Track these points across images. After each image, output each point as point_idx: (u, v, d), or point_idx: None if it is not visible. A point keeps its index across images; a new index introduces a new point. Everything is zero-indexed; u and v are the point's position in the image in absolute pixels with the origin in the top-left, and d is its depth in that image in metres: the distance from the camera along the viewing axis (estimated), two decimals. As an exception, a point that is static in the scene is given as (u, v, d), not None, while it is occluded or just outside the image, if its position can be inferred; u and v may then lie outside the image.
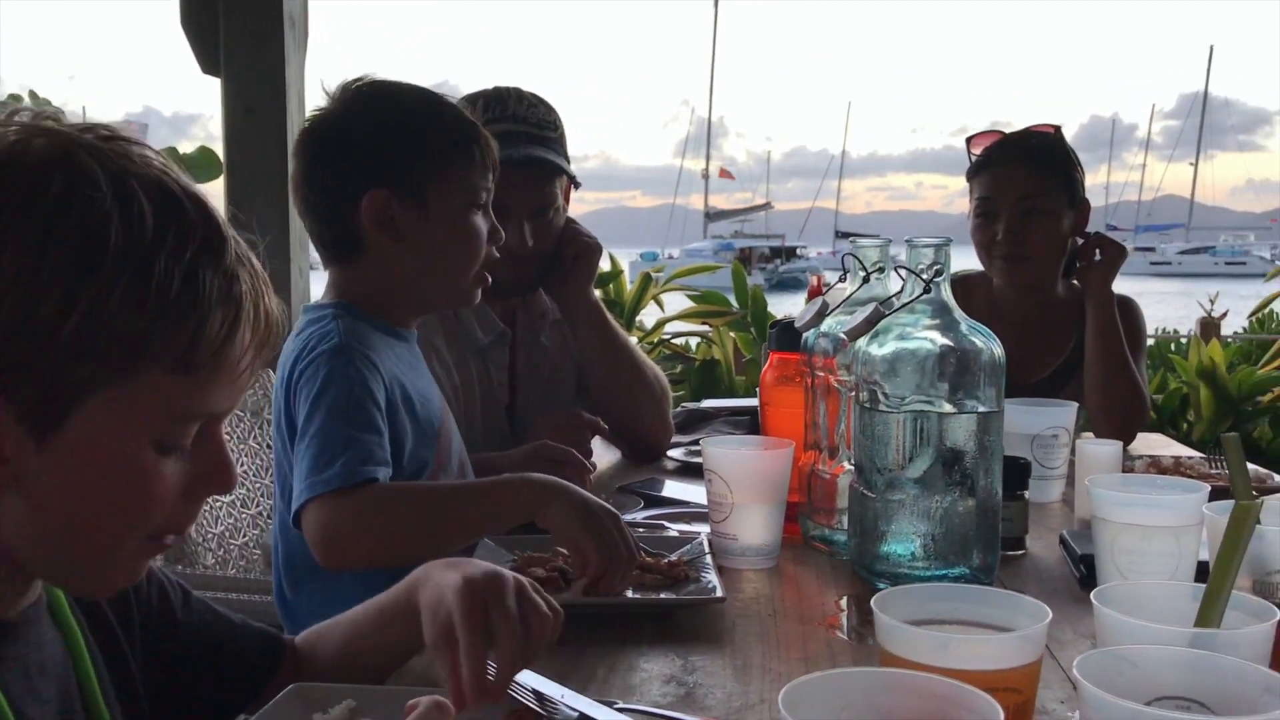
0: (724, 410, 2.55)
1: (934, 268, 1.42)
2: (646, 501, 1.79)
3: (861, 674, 0.73)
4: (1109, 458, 1.70)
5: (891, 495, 1.40)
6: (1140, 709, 0.70)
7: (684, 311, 4.30)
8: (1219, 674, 0.76)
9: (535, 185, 1.97)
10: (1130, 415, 2.32)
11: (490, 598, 0.94)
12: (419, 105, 1.62)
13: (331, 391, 1.44)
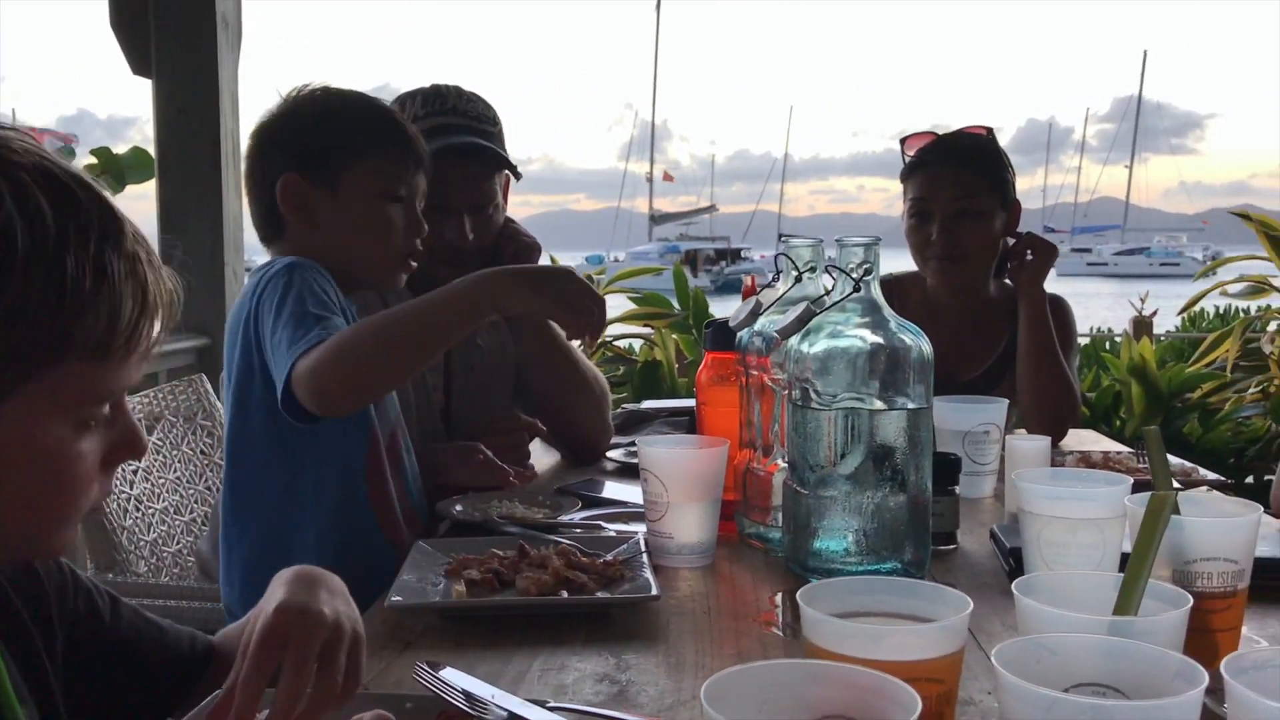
0: (664, 411, 2.56)
1: (863, 267, 1.43)
2: (584, 502, 1.79)
3: (784, 666, 0.73)
4: (1037, 453, 1.73)
5: (824, 492, 1.42)
6: (1057, 696, 0.71)
7: (626, 314, 4.30)
8: (1134, 660, 0.78)
9: (474, 178, 1.97)
10: (1062, 412, 2.36)
11: (295, 638, 0.87)
12: (347, 100, 1.75)
13: (295, 289, 1.55)
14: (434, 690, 0.98)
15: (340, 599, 0.95)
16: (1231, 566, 1.09)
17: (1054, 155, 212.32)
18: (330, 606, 0.91)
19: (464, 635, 1.25)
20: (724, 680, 0.71)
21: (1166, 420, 3.94)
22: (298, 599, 0.90)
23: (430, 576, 1.40)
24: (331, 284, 1.63)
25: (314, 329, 1.50)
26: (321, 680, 0.86)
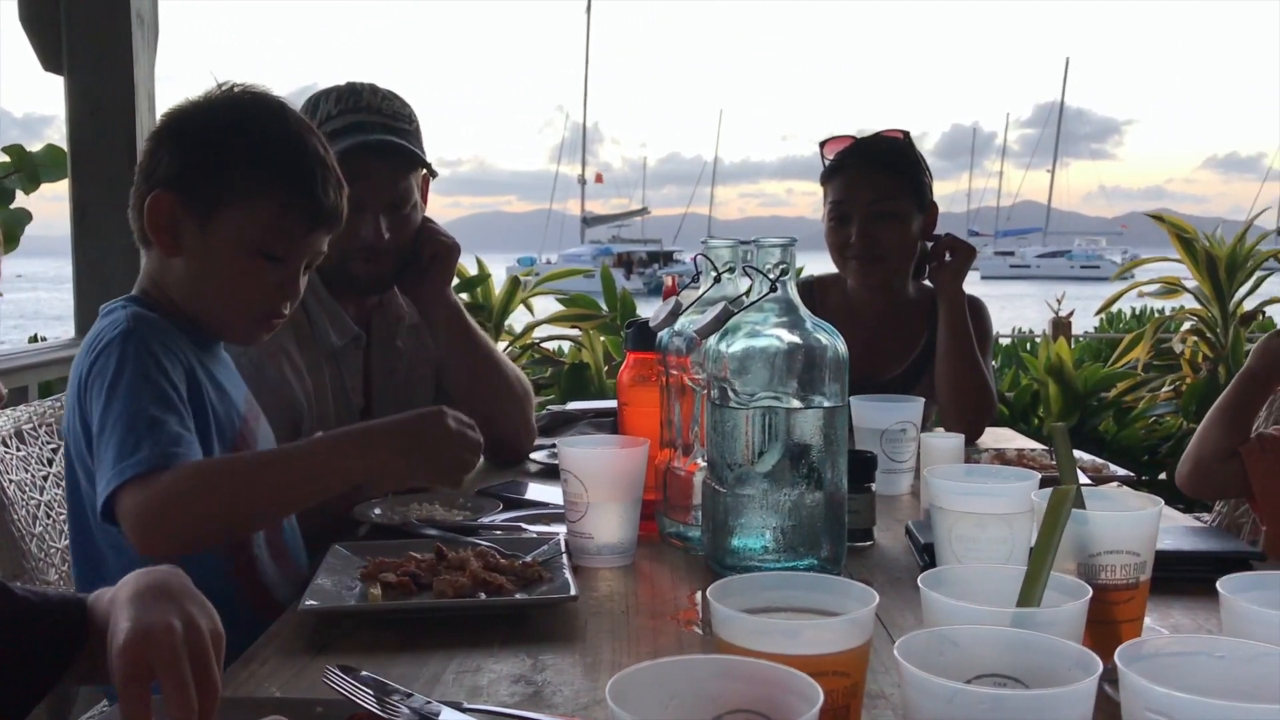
0: (589, 412, 2.56)
1: (780, 267, 1.44)
2: (505, 504, 1.78)
3: (689, 662, 0.73)
4: (951, 450, 1.76)
5: (742, 490, 1.43)
6: (958, 687, 0.73)
7: (553, 315, 4.29)
8: (1035, 651, 0.80)
9: (390, 176, 1.95)
10: (979, 410, 2.40)
11: (158, 662, 0.85)
12: (262, 120, 1.53)
13: (127, 375, 1.38)
14: (344, 694, 0.97)
15: (186, 599, 0.92)
16: (1134, 559, 1.12)
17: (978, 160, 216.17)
18: (179, 615, 0.89)
19: (379, 639, 1.23)
20: (630, 677, 0.71)
21: (1083, 418, 4.04)
22: (145, 620, 0.87)
23: (346, 580, 1.38)
24: (176, 353, 1.44)
25: (145, 443, 1.31)
26: (201, 688, 0.85)
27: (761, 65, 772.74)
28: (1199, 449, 1.91)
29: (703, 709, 0.73)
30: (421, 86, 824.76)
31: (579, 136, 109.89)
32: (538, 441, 2.22)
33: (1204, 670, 0.78)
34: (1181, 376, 4.30)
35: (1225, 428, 1.88)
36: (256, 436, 1.61)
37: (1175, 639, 0.81)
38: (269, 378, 1.89)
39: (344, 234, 1.90)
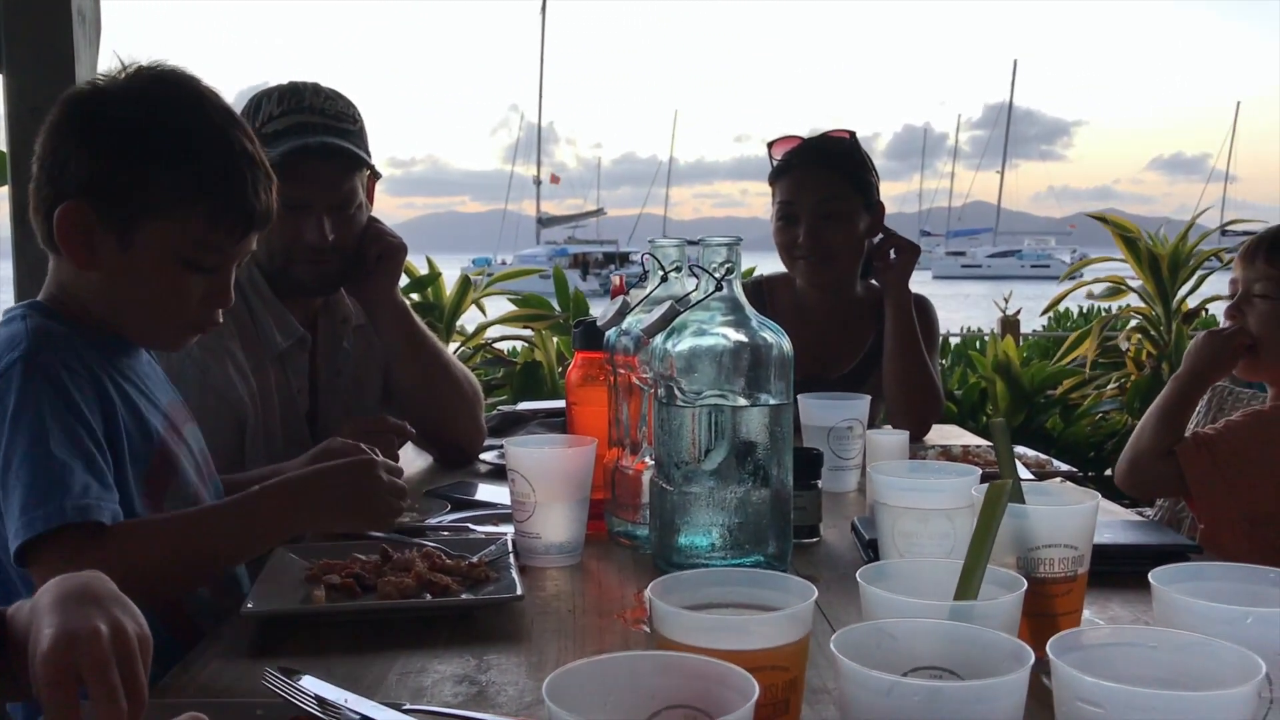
0: (540, 412, 2.55)
1: (725, 266, 1.45)
2: (453, 505, 1.78)
3: (627, 658, 0.74)
4: (896, 446, 1.78)
5: (689, 488, 1.43)
6: (895, 679, 0.73)
7: (505, 315, 4.28)
8: (971, 644, 0.81)
9: (333, 178, 1.92)
10: (926, 407, 2.42)
11: (84, 668, 0.82)
12: (181, 116, 1.39)
13: (29, 411, 1.26)
14: (284, 696, 0.96)
15: (112, 603, 0.89)
16: (1071, 553, 1.13)
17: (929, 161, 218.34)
18: (106, 619, 0.86)
19: (323, 641, 1.22)
20: (567, 675, 0.71)
21: (1030, 415, 4.09)
22: (70, 625, 0.84)
23: (290, 583, 1.37)
24: (84, 373, 1.33)
25: (54, 495, 1.22)
26: (129, 694, 0.83)
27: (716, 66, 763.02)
28: (1136, 448, 1.94)
29: (641, 705, 0.73)
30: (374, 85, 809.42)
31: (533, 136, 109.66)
32: (488, 442, 2.22)
33: (1136, 660, 0.80)
34: (1126, 374, 4.37)
35: (1161, 427, 1.91)
36: (178, 456, 1.48)
37: (1107, 630, 0.82)
38: (214, 379, 1.87)
39: (288, 235, 1.88)
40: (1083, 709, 0.71)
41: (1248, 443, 1.83)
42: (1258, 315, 1.90)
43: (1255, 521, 1.82)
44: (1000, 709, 0.70)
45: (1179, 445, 1.86)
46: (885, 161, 78.39)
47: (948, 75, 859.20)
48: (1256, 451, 1.82)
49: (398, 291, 2.07)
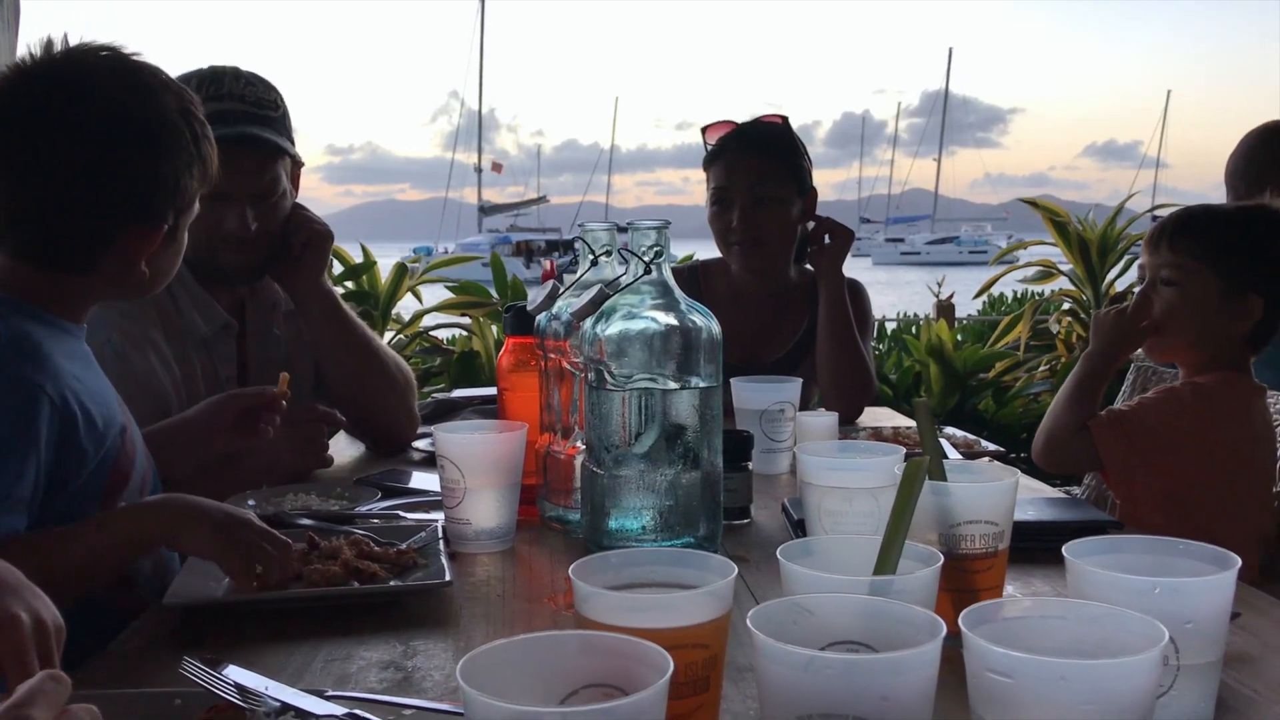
0: (474, 399, 2.54)
1: (654, 249, 1.45)
2: (384, 492, 1.76)
3: (543, 638, 0.74)
4: (825, 428, 1.80)
5: (619, 471, 1.43)
6: (813, 654, 0.74)
7: (442, 303, 4.24)
8: (887, 618, 0.82)
9: (255, 166, 1.89)
10: (858, 390, 2.45)
11: (4, 654, 0.83)
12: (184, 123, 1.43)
13: None
14: (203, 685, 0.94)
15: (26, 591, 0.89)
16: (992, 529, 1.15)
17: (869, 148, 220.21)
18: (23, 607, 0.85)
19: (247, 631, 1.21)
20: (483, 656, 0.71)
21: (963, 398, 4.15)
22: None
23: (215, 573, 1.35)
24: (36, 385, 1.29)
25: None
26: None
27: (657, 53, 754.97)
28: (1051, 425, 1.98)
29: (558, 684, 0.73)
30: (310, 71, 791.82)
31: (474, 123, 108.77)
32: (421, 430, 2.20)
33: (1047, 631, 0.81)
34: (1057, 356, 4.45)
35: (1074, 404, 1.95)
36: (136, 446, 1.49)
37: (1019, 602, 0.84)
38: (135, 368, 1.83)
39: (210, 225, 1.85)
40: (992, 679, 0.72)
41: (1159, 419, 1.87)
42: (1163, 299, 1.94)
43: (1170, 496, 1.87)
44: (913, 680, 0.71)
45: (1092, 422, 1.90)
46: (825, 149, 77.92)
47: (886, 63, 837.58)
48: (1167, 427, 1.86)
49: (325, 279, 2.05)
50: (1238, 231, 1.92)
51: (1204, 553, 0.94)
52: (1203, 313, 1.90)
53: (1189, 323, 1.92)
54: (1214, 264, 1.89)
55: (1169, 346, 1.99)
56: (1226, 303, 1.89)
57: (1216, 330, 1.90)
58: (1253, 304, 1.88)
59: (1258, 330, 1.91)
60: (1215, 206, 2.00)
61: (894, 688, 0.70)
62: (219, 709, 0.92)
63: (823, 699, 0.71)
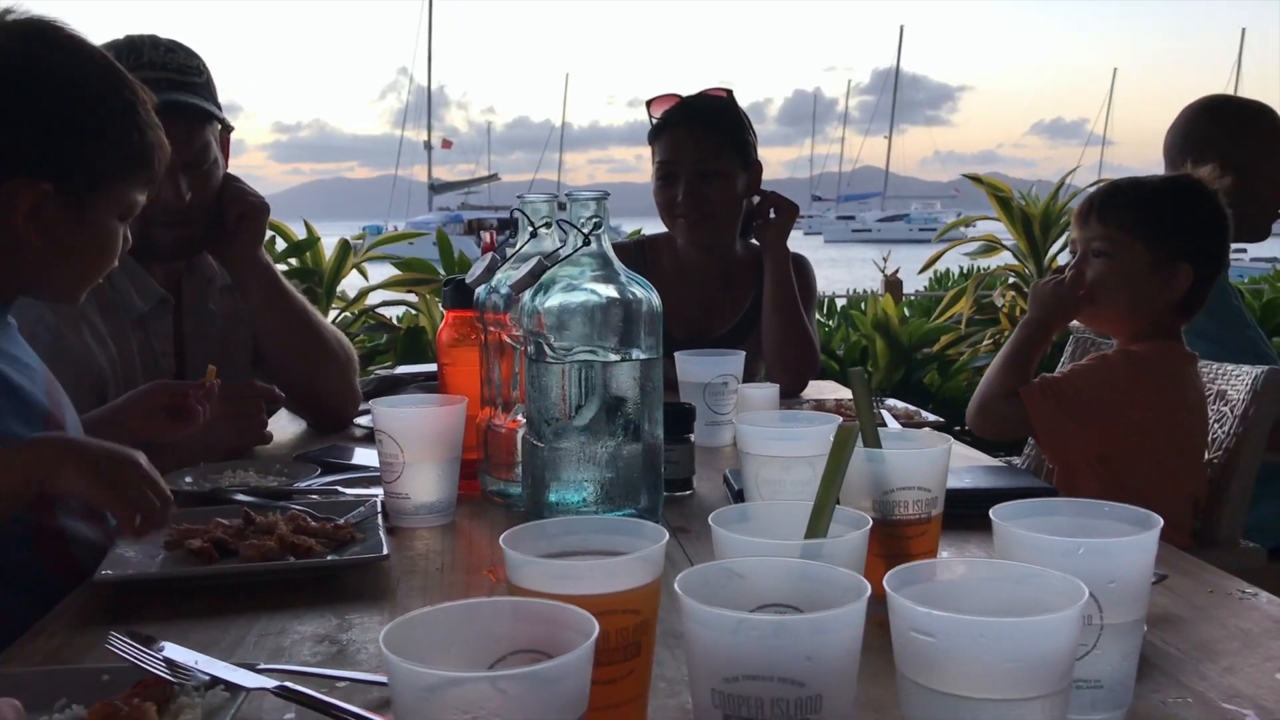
0: (419, 375, 2.52)
1: (593, 221, 1.45)
2: (324, 468, 1.75)
3: (468, 605, 0.73)
4: (766, 399, 1.81)
5: (560, 444, 1.43)
6: (743, 616, 0.74)
7: (388, 280, 4.21)
8: (814, 580, 0.82)
9: (184, 134, 1.85)
10: (802, 364, 2.47)
11: None
12: (99, 89, 1.38)
13: None
14: (131, 660, 0.93)
15: None
16: (925, 495, 1.17)
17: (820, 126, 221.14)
18: None
19: (181, 607, 1.19)
20: (407, 624, 0.70)
21: (909, 371, 4.19)
22: None
23: (149, 549, 1.33)
24: None
25: None
26: None
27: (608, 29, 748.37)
28: (985, 389, 2.01)
29: (486, 651, 0.73)
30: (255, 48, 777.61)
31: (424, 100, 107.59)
32: (363, 406, 2.18)
33: (972, 592, 0.82)
34: (1000, 329, 4.50)
35: (1008, 371, 1.97)
36: (65, 420, 1.48)
37: (944, 564, 0.85)
38: (70, 346, 1.80)
39: None
40: (916, 638, 0.73)
41: (1090, 385, 1.89)
42: (1094, 271, 1.97)
43: (1102, 461, 1.90)
44: (838, 640, 0.72)
45: (1023, 388, 1.92)
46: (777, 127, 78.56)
47: (837, 41, 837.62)
48: (1098, 394, 1.88)
49: (262, 252, 2.02)
50: (1164, 202, 1.95)
51: (1128, 514, 0.95)
52: (1133, 283, 1.93)
53: (1120, 293, 1.95)
54: (1142, 234, 1.92)
55: (1102, 317, 2.02)
56: (1156, 272, 1.92)
57: (1147, 300, 1.93)
58: (1181, 273, 1.92)
59: (1188, 299, 1.94)
60: (1141, 178, 2.03)
61: (819, 648, 0.71)
62: (147, 684, 0.91)
63: (749, 660, 0.71)
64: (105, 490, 1.22)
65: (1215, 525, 2.08)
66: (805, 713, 0.71)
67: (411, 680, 0.65)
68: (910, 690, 0.74)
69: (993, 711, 0.71)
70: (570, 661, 0.66)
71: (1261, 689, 0.98)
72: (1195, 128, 2.71)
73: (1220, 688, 0.98)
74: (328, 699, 0.89)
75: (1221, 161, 2.11)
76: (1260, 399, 2.06)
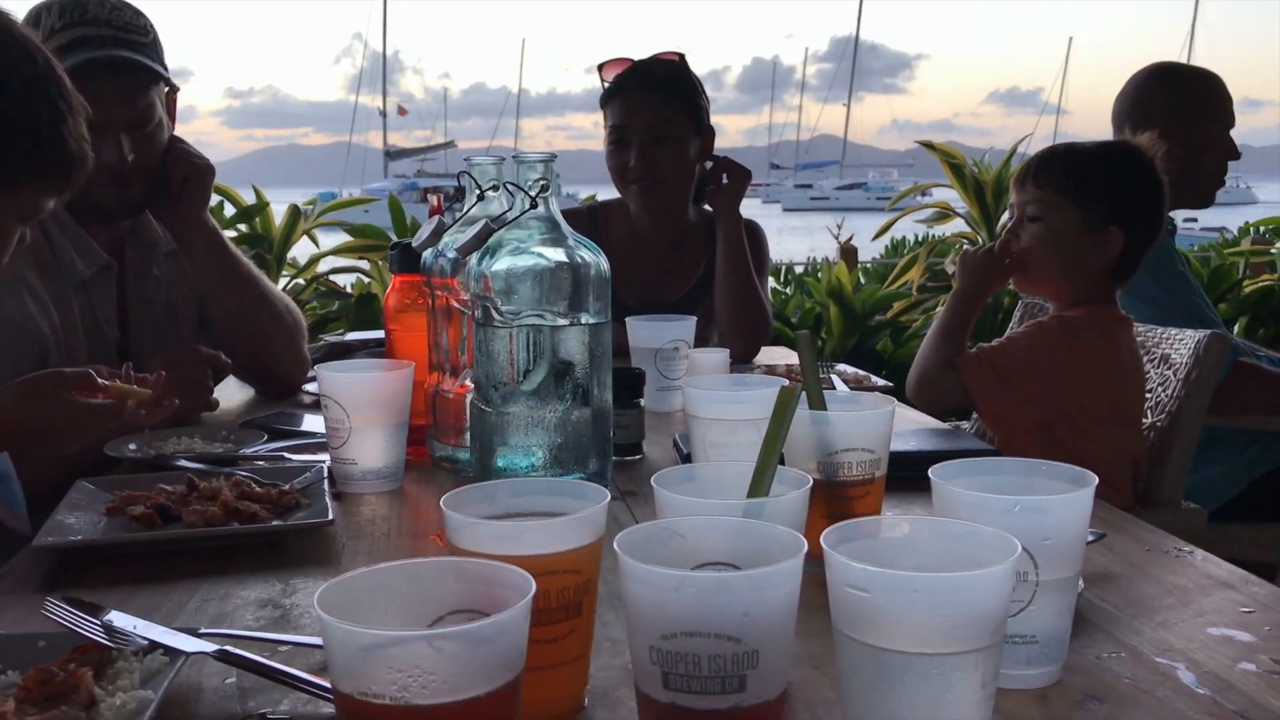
0: (369, 342, 2.50)
1: (540, 183, 1.44)
2: (272, 434, 1.73)
3: (405, 566, 0.73)
4: (716, 364, 1.81)
5: (508, 409, 1.42)
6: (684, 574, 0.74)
7: (339, 246, 4.16)
8: (753, 538, 0.83)
9: (127, 93, 1.82)
10: (755, 330, 2.47)
11: None
12: (18, 93, 1.30)
13: None
14: (67, 625, 0.92)
15: None
16: (869, 456, 1.18)
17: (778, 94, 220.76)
18: None
19: (123, 573, 1.18)
20: (343, 584, 0.70)
21: (862, 338, 4.21)
22: None
23: (91, 516, 1.32)
24: None
25: None
26: None
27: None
28: (921, 362, 2.02)
29: (424, 612, 0.73)
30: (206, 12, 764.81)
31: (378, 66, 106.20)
32: (311, 372, 2.16)
33: (908, 549, 0.83)
34: (952, 297, 4.54)
35: (943, 341, 1.99)
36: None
37: (880, 522, 0.85)
38: (9, 311, 1.76)
39: None
40: (850, 594, 0.74)
41: (1025, 352, 1.91)
42: (1029, 235, 1.99)
43: (1041, 427, 1.92)
44: (774, 596, 0.72)
45: (960, 358, 1.94)
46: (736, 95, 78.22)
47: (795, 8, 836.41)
48: (1034, 361, 1.90)
49: (208, 216, 1.99)
50: (1098, 166, 1.97)
51: (1064, 473, 0.96)
52: (1066, 246, 1.95)
53: (1053, 257, 1.97)
54: (1075, 198, 1.94)
55: (1035, 281, 2.04)
56: (1088, 236, 1.94)
57: (1080, 263, 1.96)
58: (1113, 237, 1.94)
59: (1121, 262, 1.97)
60: (1078, 144, 2.05)
61: (755, 604, 0.71)
62: (83, 649, 0.90)
63: (687, 617, 0.72)
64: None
65: (1157, 487, 2.12)
66: (742, 668, 0.72)
67: (347, 640, 0.65)
68: (845, 645, 0.75)
69: (926, 665, 0.72)
70: (506, 620, 0.66)
71: (1193, 643, 1.00)
72: (1140, 95, 2.73)
73: (1154, 642, 1.00)
74: (268, 662, 0.89)
75: (1165, 128, 2.13)
76: (1202, 362, 2.10)
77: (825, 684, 0.91)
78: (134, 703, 0.82)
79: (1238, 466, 2.63)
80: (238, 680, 0.91)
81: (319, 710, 0.86)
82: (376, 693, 0.64)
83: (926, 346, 2.01)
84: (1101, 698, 0.90)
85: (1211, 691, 0.90)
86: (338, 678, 0.66)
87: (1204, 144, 2.64)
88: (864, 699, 0.75)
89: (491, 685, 0.65)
